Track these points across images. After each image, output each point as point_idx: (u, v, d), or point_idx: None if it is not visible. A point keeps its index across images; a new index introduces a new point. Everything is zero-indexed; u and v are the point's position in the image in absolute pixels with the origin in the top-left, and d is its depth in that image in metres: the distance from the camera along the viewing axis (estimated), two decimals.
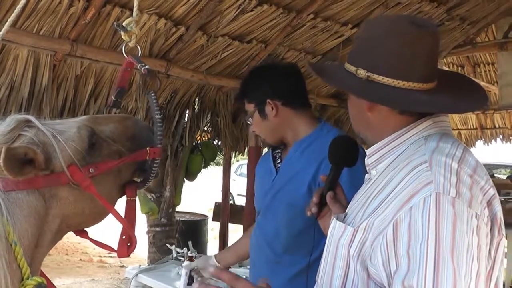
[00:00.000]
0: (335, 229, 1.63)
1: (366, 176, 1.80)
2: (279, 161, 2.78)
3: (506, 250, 1.47)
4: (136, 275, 4.55)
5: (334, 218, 1.67)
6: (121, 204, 1.86)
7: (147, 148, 1.84)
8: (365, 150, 1.79)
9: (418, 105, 1.57)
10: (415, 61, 1.59)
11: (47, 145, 1.62)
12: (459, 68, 10.13)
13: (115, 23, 2.18)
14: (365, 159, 1.75)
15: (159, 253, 6.42)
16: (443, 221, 1.29)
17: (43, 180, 1.60)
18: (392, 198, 1.43)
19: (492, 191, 1.48)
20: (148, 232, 6.83)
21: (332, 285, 1.60)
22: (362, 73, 1.60)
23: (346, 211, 1.71)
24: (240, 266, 4.40)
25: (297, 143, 2.68)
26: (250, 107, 2.70)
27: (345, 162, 1.98)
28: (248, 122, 2.75)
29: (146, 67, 1.99)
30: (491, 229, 1.43)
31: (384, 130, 1.66)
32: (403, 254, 1.31)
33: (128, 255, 1.87)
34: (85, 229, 1.87)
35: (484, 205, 1.42)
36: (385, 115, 1.65)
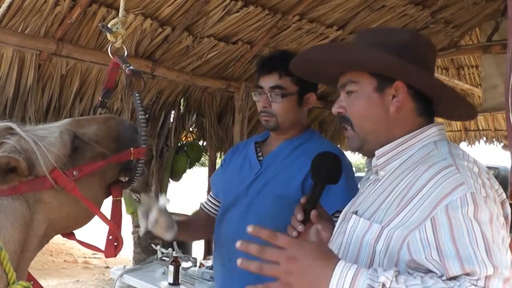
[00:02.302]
0: (357, 225, 1.65)
1: (371, 177, 1.82)
2: (260, 154, 2.76)
3: None
4: (121, 275, 4.55)
5: (354, 215, 1.69)
6: (106, 205, 1.86)
7: (131, 149, 1.84)
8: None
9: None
10: (433, 68, 1.73)
11: (29, 152, 1.62)
12: (444, 70, 10.18)
13: (99, 24, 2.18)
14: (373, 160, 1.77)
15: (144, 253, 6.42)
16: (482, 216, 1.38)
17: (27, 185, 1.60)
18: (423, 197, 1.47)
19: (504, 195, 1.57)
20: (133, 233, 6.82)
21: None
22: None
23: (355, 209, 1.74)
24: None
25: (288, 141, 2.70)
26: (293, 88, 2.64)
27: (329, 179, 1.97)
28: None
29: (131, 67, 1.99)
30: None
31: (400, 129, 1.71)
32: (448, 243, 1.37)
33: (115, 255, 1.87)
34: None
35: (499, 205, 1.51)
36: (407, 115, 1.70)
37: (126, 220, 6.91)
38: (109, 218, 1.83)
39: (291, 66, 1.98)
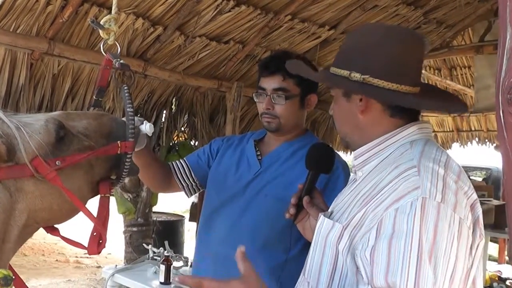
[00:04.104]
0: (323, 225, 1.68)
1: (351, 176, 1.86)
2: (259, 153, 2.74)
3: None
4: (113, 275, 4.55)
5: (322, 215, 1.71)
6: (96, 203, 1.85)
7: (118, 142, 1.82)
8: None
9: (412, 104, 1.67)
10: (408, 67, 1.68)
11: (10, 137, 1.58)
12: (436, 71, 10.22)
13: (89, 19, 2.17)
14: (352, 160, 1.80)
15: (136, 253, 6.43)
16: (426, 224, 1.36)
17: (6, 171, 1.57)
18: (381, 199, 1.49)
19: (475, 195, 1.55)
20: (124, 232, 6.82)
21: (319, 279, 1.64)
22: (356, 76, 1.65)
23: (332, 209, 1.77)
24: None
25: (287, 143, 2.71)
26: (296, 90, 2.65)
27: (322, 168, 2.08)
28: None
29: (120, 61, 1.99)
30: (473, 232, 1.49)
31: (374, 132, 1.71)
32: (383, 248, 1.37)
33: (99, 253, 1.85)
34: (57, 226, 1.85)
35: (467, 209, 1.48)
36: (376, 118, 1.71)
37: (118, 220, 6.91)
38: (96, 215, 1.81)
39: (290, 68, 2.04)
